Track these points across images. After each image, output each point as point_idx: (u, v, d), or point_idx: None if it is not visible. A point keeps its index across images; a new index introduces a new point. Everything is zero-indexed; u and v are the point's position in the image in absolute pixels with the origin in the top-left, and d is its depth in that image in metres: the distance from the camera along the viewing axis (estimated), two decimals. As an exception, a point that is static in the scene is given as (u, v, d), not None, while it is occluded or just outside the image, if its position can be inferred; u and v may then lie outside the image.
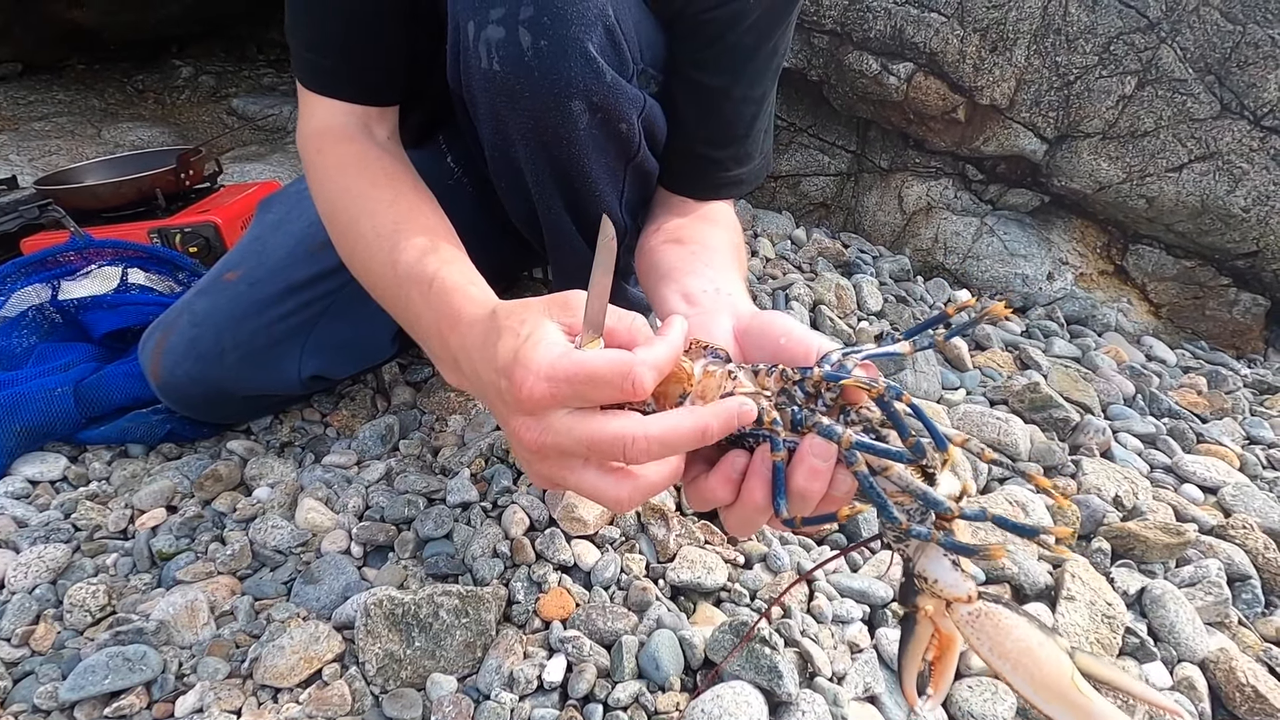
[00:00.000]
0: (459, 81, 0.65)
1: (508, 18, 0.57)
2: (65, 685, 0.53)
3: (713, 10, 0.68)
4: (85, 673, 0.53)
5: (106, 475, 0.79)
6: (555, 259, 0.80)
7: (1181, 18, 1.49)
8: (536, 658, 0.58)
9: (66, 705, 0.53)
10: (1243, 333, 1.79)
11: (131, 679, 0.54)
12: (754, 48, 0.71)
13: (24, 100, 2.11)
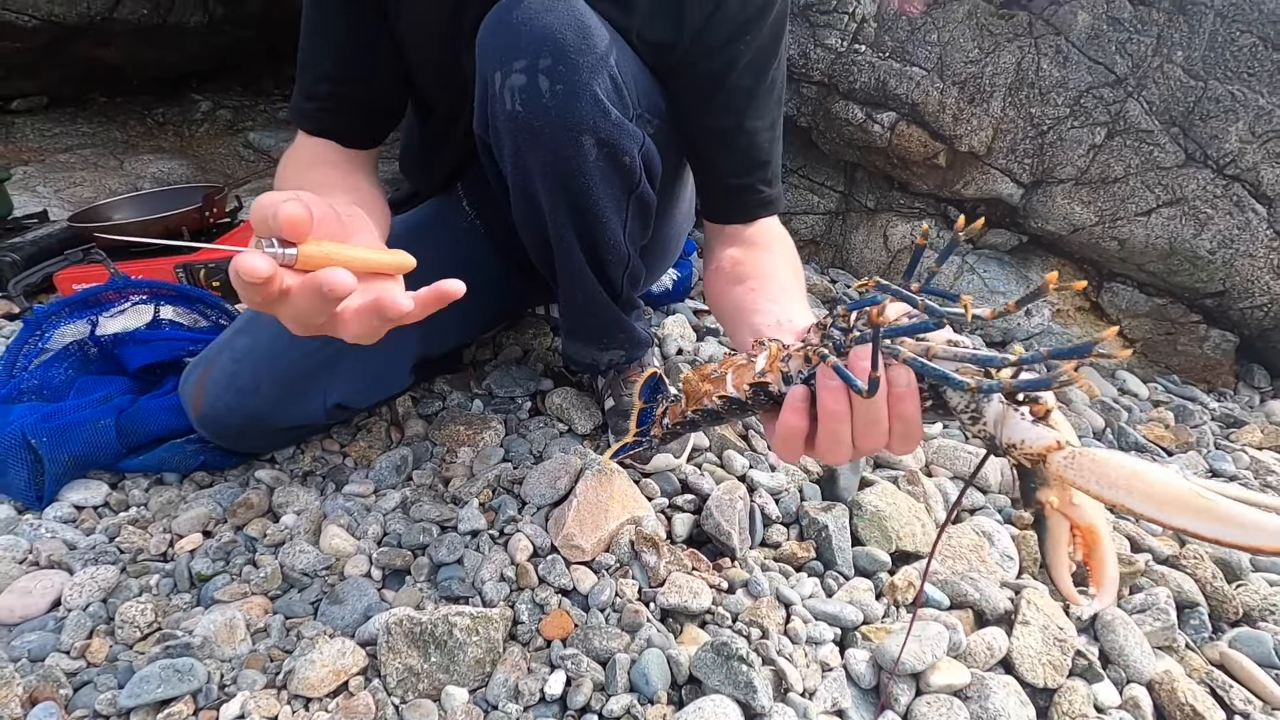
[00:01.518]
0: (485, 126, 0.75)
1: (529, 67, 0.67)
2: (123, 693, 0.60)
3: (707, 62, 0.77)
4: (140, 682, 0.60)
5: (145, 501, 0.86)
6: (563, 285, 0.87)
7: (1147, 74, 1.59)
8: (539, 673, 0.65)
9: (124, 711, 0.60)
10: (1213, 367, 1.87)
11: (180, 688, 0.60)
12: (753, 87, 0.80)
13: (49, 133, 2.20)
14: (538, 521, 0.81)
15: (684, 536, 0.86)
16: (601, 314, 0.89)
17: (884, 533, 0.92)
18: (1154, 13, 1.57)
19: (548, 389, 1.10)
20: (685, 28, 0.76)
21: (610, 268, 0.84)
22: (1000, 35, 1.58)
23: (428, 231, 0.98)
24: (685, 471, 0.95)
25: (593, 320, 0.91)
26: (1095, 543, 0.42)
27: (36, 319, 1.01)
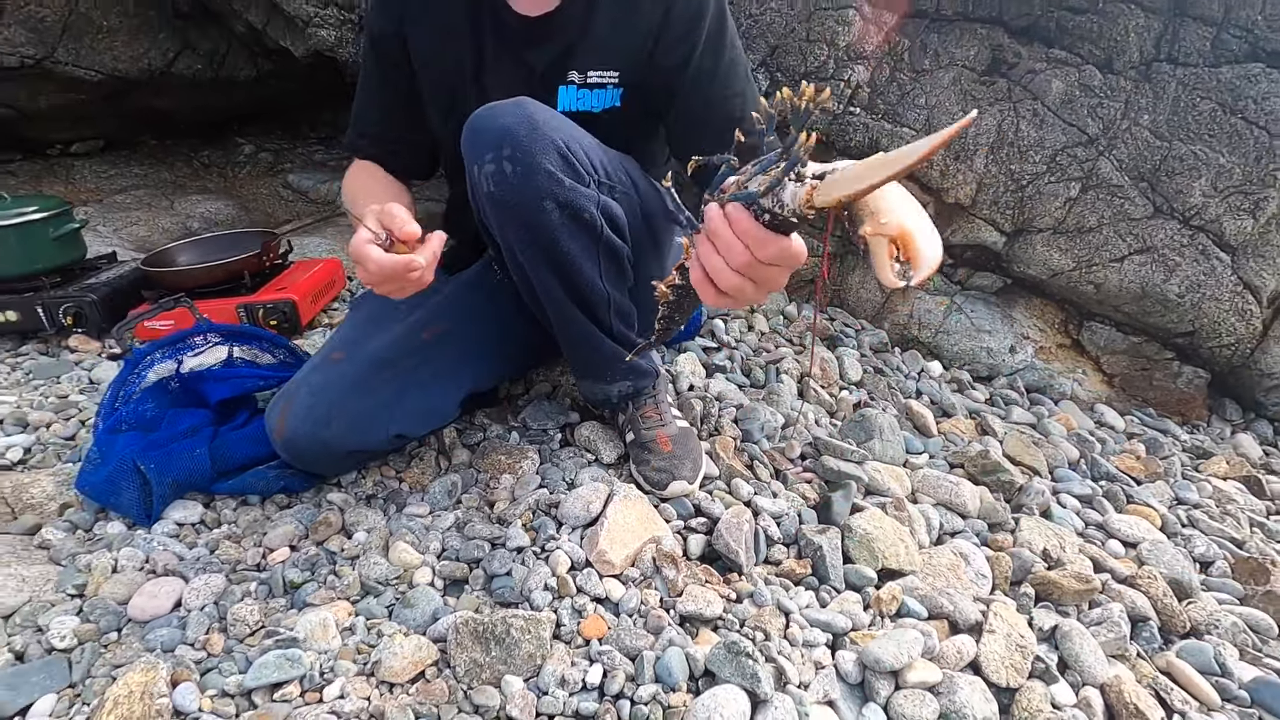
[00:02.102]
0: (477, 208, 0.96)
1: (495, 157, 0.88)
2: (246, 677, 0.73)
3: (677, 70, 1.02)
4: (259, 668, 0.74)
5: (235, 519, 1.01)
6: (558, 328, 1.04)
7: (1117, 135, 1.75)
8: (581, 665, 0.79)
9: (246, 691, 0.73)
10: (1187, 401, 2.00)
11: (290, 674, 0.74)
12: (714, 66, 1.03)
13: (105, 174, 2.37)
14: (574, 540, 0.95)
15: (698, 554, 1.00)
16: (597, 347, 1.05)
17: (872, 553, 1.05)
18: (1121, 80, 1.73)
19: (575, 422, 1.25)
20: (646, 40, 1.01)
21: (595, 307, 1.01)
22: (983, 100, 1.74)
23: (471, 289, 1.13)
24: (698, 498, 1.08)
25: (593, 355, 1.06)
26: (907, 241, 0.54)
27: (135, 358, 1.16)
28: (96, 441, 1.07)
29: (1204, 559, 1.30)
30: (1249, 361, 1.90)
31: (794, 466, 1.25)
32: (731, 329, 1.73)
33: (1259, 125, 1.70)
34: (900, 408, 1.58)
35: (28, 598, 0.83)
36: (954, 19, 1.71)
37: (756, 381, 1.52)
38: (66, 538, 0.96)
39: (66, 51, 2.04)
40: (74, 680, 0.75)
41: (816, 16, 1.64)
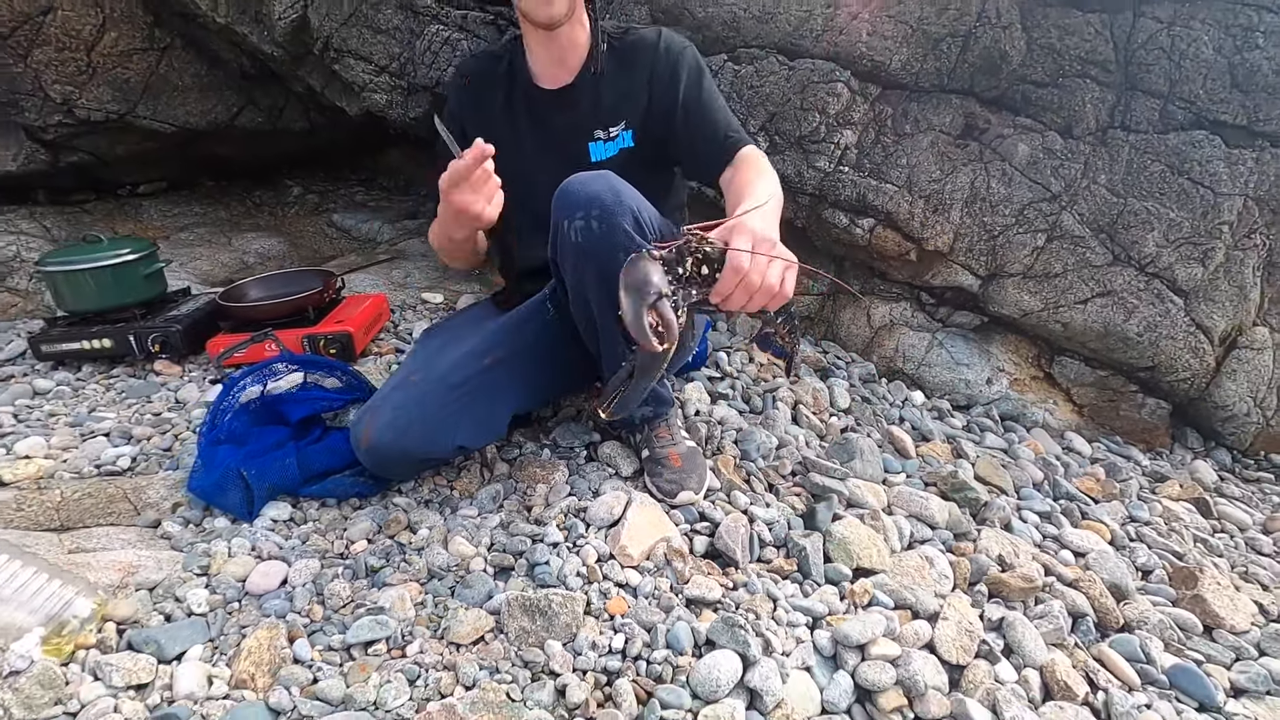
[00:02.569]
0: (555, 252, 1.19)
1: (585, 216, 1.10)
2: (348, 635, 0.94)
3: (666, 99, 1.32)
4: (356, 629, 0.94)
5: (317, 518, 1.22)
6: (606, 357, 1.25)
7: (1077, 192, 1.97)
8: (607, 634, 0.99)
9: (347, 646, 0.94)
10: (1151, 430, 2.19)
11: (380, 634, 0.94)
12: (698, 98, 1.34)
13: (169, 213, 2.63)
14: (599, 537, 1.15)
15: (702, 552, 1.20)
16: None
17: (848, 554, 1.25)
18: (1080, 145, 1.95)
19: (598, 441, 1.45)
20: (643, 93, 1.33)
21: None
22: (957, 160, 1.96)
23: (524, 324, 1.34)
24: (703, 506, 1.29)
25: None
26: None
27: (231, 382, 1.38)
28: (200, 453, 1.29)
29: (1145, 568, 1.48)
30: (1204, 394, 2.09)
31: (786, 482, 1.45)
32: (734, 361, 1.94)
33: (1203, 185, 1.92)
34: (883, 432, 1.78)
35: (165, 575, 1.04)
36: (931, 90, 1.94)
37: (755, 408, 1.73)
38: (183, 530, 1.17)
39: (146, 107, 2.30)
40: (212, 636, 0.95)
41: (809, 89, 1.87)
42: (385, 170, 3.01)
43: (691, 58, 1.37)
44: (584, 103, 1.37)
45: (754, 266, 0.88)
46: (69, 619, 0.88)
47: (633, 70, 1.36)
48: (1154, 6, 1.84)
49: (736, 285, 0.88)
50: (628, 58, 1.36)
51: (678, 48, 1.37)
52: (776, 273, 0.91)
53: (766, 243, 0.91)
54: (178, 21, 2.25)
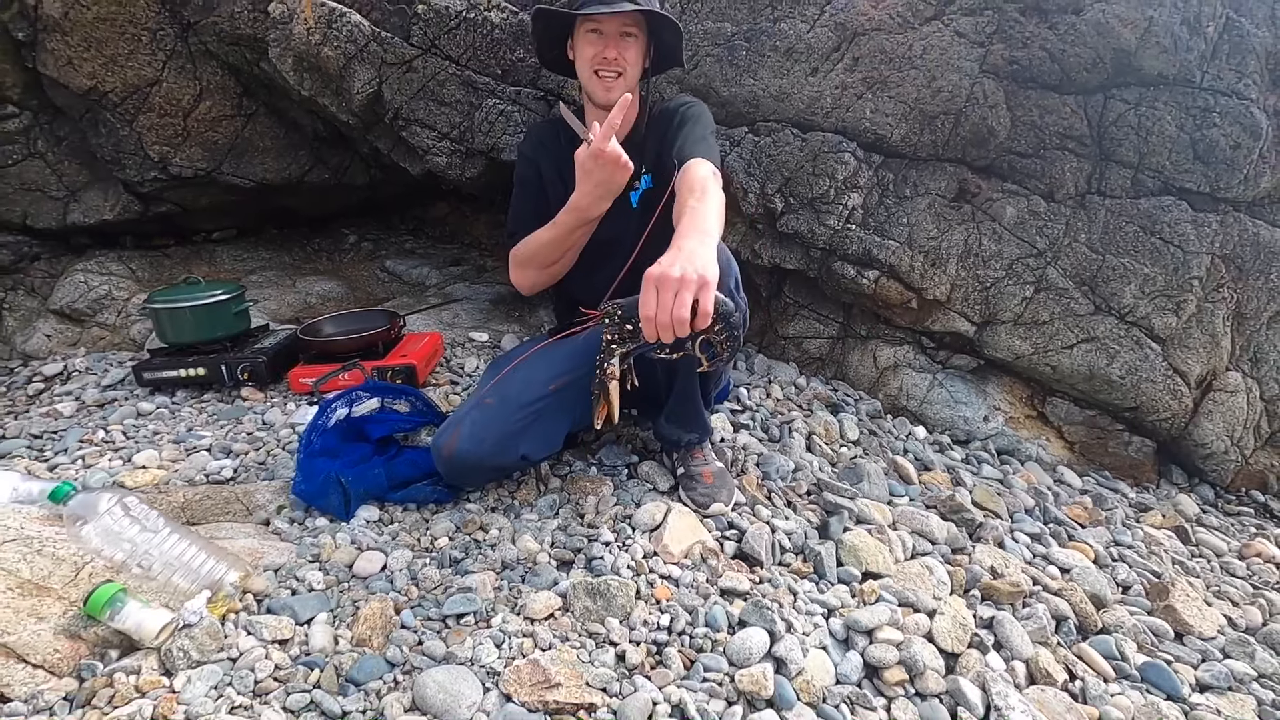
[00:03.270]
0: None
1: None
2: (443, 608, 1.14)
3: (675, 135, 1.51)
4: (450, 603, 1.14)
5: (402, 519, 1.42)
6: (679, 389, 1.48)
7: (1060, 249, 2.20)
8: (656, 614, 1.18)
9: (443, 617, 1.13)
10: (1138, 466, 2.37)
11: (469, 608, 1.14)
12: (683, 123, 1.54)
13: (239, 258, 2.90)
14: (645, 538, 1.35)
15: (731, 554, 1.39)
16: (695, 408, 1.50)
17: (858, 559, 1.44)
18: (1062, 207, 2.19)
19: (637, 461, 1.66)
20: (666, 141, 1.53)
21: (709, 381, 1.43)
22: (952, 220, 2.21)
23: (583, 353, 1.54)
24: (731, 516, 1.49)
25: (690, 408, 1.50)
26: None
27: (324, 405, 1.61)
28: (300, 464, 1.51)
29: (1124, 583, 1.66)
30: (1185, 433, 2.29)
31: (802, 499, 1.65)
32: (753, 396, 2.15)
33: (1173, 244, 2.15)
34: (889, 461, 1.98)
35: (285, 560, 1.25)
36: (928, 159, 2.20)
37: (773, 436, 1.94)
38: (290, 527, 1.38)
39: (229, 165, 2.60)
40: (331, 607, 1.15)
41: (820, 157, 2.13)
42: (433, 221, 3.30)
43: (697, 105, 1.60)
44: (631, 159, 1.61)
45: (660, 306, 1.02)
46: (224, 585, 1.09)
47: (659, 131, 1.60)
48: (1122, 90, 2.11)
49: (653, 327, 1.05)
50: (657, 124, 1.61)
51: (691, 102, 1.62)
52: (684, 303, 1.01)
53: (669, 281, 1.03)
54: (264, 92, 2.56)
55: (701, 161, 1.42)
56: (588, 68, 1.53)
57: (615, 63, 1.51)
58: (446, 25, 2.24)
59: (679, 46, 1.61)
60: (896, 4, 2.08)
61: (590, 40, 1.51)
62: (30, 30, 2.29)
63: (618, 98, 1.52)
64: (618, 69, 1.51)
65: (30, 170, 2.52)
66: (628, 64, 1.52)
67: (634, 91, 1.59)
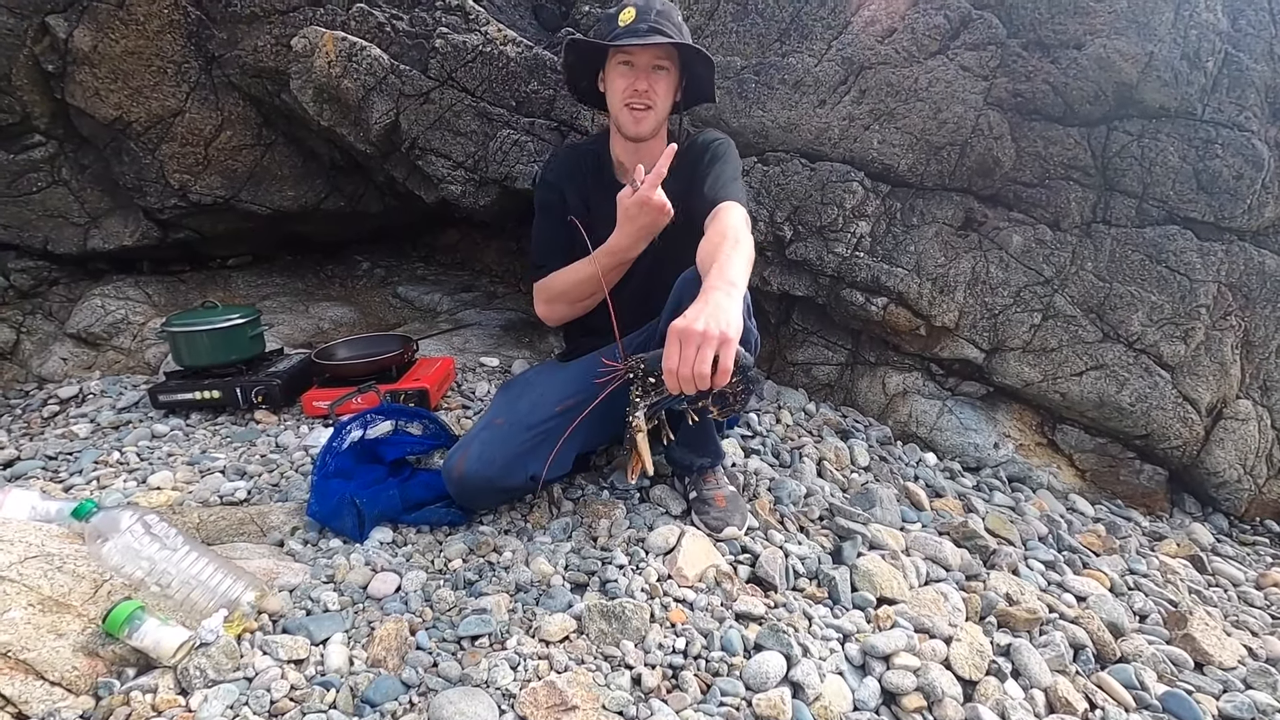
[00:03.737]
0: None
1: None
2: (458, 629, 1.13)
3: (702, 168, 1.53)
4: (466, 625, 1.14)
5: (415, 541, 1.42)
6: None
7: (1067, 277, 2.22)
8: (671, 638, 1.17)
9: (458, 639, 1.13)
10: (1151, 495, 2.36)
11: (484, 630, 1.14)
12: (713, 161, 1.55)
13: (253, 283, 2.94)
14: (659, 562, 1.35)
15: (745, 578, 1.39)
16: (709, 433, 1.50)
17: (873, 584, 1.43)
18: (1068, 236, 2.22)
19: (648, 485, 1.66)
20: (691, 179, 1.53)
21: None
22: (959, 248, 2.24)
23: (587, 375, 1.57)
24: (744, 540, 1.48)
25: (705, 435, 1.50)
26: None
27: (339, 426, 1.62)
28: (314, 485, 1.51)
29: (1141, 612, 1.64)
30: (1197, 462, 2.28)
31: (815, 524, 1.64)
32: (763, 422, 2.16)
33: (1179, 272, 2.17)
34: (900, 487, 1.97)
35: (300, 581, 1.25)
36: (935, 188, 2.24)
37: (784, 462, 1.94)
38: (304, 549, 1.39)
39: (248, 193, 2.65)
40: (346, 627, 1.15)
41: (828, 187, 2.17)
42: (444, 248, 3.34)
43: (726, 142, 1.61)
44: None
45: (683, 361, 1.04)
46: (242, 604, 1.09)
47: (688, 165, 1.59)
48: (1125, 122, 2.15)
49: (675, 380, 1.07)
50: (687, 156, 1.60)
51: (721, 139, 1.63)
52: (705, 359, 1.03)
53: (693, 335, 1.05)
54: (283, 122, 2.62)
55: (735, 206, 1.43)
56: (618, 100, 1.55)
57: (646, 95, 1.52)
58: (464, 59, 2.30)
59: (710, 80, 1.62)
60: (902, 39, 2.14)
61: (622, 72, 1.53)
62: (60, 62, 2.36)
63: (647, 131, 1.55)
64: (648, 101, 1.53)
65: (53, 197, 2.58)
66: (658, 96, 1.54)
67: (663, 124, 1.61)
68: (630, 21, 1.48)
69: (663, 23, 1.48)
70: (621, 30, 1.49)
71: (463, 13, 2.34)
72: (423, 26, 2.33)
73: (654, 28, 1.46)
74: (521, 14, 2.55)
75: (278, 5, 2.36)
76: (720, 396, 1.19)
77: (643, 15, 1.48)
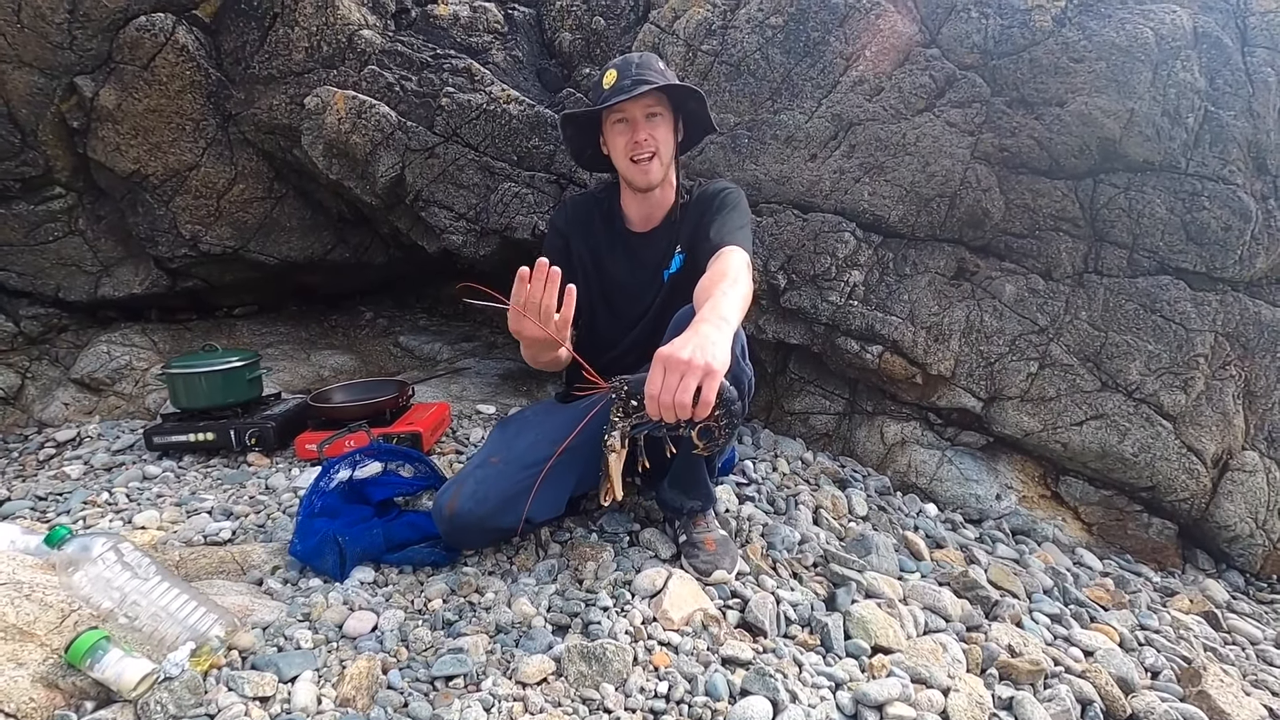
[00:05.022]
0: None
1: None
2: (433, 669, 1.09)
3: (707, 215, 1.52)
4: (441, 664, 1.10)
5: (397, 581, 1.39)
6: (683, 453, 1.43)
7: (1062, 326, 2.23)
8: (654, 681, 1.13)
9: (432, 679, 1.09)
10: (1161, 550, 2.29)
11: (460, 670, 1.10)
12: (720, 208, 1.55)
13: (258, 331, 2.99)
14: (644, 604, 1.31)
15: (734, 623, 1.34)
16: (699, 475, 1.48)
17: (867, 632, 1.38)
18: (1061, 285, 2.23)
19: (638, 529, 1.63)
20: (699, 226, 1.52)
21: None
22: (953, 297, 2.25)
23: (584, 416, 1.57)
24: (735, 585, 1.44)
25: (695, 475, 1.48)
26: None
27: (327, 466, 1.61)
28: (299, 524, 1.50)
29: (1153, 669, 1.57)
30: (1206, 515, 2.22)
31: (809, 571, 1.60)
32: (759, 469, 2.13)
33: (1175, 322, 2.17)
34: (899, 537, 1.92)
35: (274, 618, 1.22)
36: (926, 239, 2.27)
37: (779, 509, 1.90)
38: (283, 587, 1.36)
39: (256, 243, 2.72)
40: (317, 666, 1.11)
41: (821, 237, 2.21)
42: (446, 299, 3.40)
43: (736, 192, 1.62)
44: (663, 241, 1.66)
45: (664, 388, 1.03)
46: (211, 638, 1.06)
47: (696, 212, 1.62)
48: (1111, 175, 2.19)
49: (656, 406, 1.04)
50: (695, 205, 1.64)
51: (731, 189, 1.65)
52: (688, 387, 1.02)
53: (677, 363, 1.03)
54: (294, 176, 2.72)
55: (737, 250, 1.43)
56: (623, 158, 1.56)
57: (647, 143, 1.53)
58: (468, 116, 2.40)
59: (705, 113, 1.62)
60: (889, 97, 2.22)
61: (620, 130, 1.55)
62: (84, 119, 2.47)
63: (656, 178, 1.56)
64: (650, 149, 1.54)
65: (69, 246, 2.65)
66: (659, 142, 1.55)
67: (670, 169, 1.62)
68: (615, 82, 1.52)
69: (645, 73, 1.52)
70: (609, 92, 1.53)
71: (469, 74, 2.45)
72: (430, 86, 2.44)
73: (637, 80, 1.51)
74: (525, 76, 2.67)
75: (294, 68, 2.48)
76: (705, 431, 1.18)
77: (624, 73, 1.53)
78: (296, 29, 2.44)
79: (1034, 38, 2.14)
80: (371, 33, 2.47)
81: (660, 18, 2.42)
